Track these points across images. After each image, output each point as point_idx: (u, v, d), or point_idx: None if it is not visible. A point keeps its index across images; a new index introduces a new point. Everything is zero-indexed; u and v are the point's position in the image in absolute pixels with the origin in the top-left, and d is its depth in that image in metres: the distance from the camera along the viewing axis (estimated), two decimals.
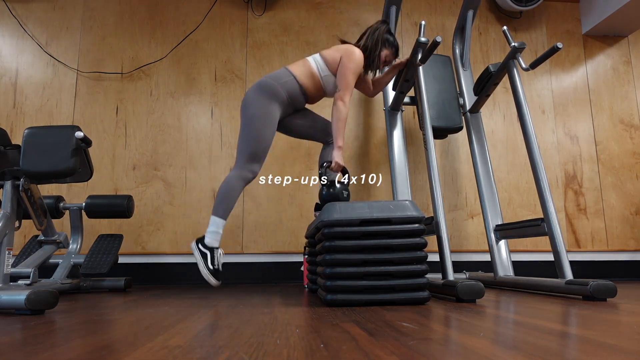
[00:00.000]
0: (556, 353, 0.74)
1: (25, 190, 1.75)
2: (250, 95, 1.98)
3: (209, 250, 1.88)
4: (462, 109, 2.76)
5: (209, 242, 1.89)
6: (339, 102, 1.96)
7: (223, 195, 1.90)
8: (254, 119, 1.94)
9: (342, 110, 1.96)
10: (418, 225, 1.58)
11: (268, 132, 1.95)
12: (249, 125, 1.95)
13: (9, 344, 0.85)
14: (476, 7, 2.79)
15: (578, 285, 1.72)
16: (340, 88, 1.98)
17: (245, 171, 1.94)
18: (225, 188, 1.91)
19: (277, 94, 1.97)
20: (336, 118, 1.96)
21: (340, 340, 0.87)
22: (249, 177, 1.95)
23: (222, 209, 1.90)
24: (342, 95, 1.97)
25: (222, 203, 1.90)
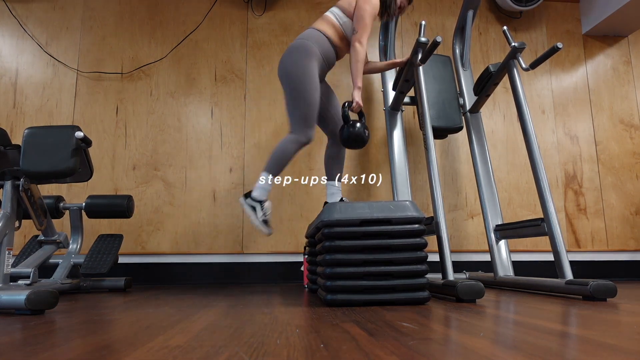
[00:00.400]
0: (556, 353, 0.74)
1: (25, 190, 1.75)
2: (287, 60, 2.01)
3: (258, 202, 1.95)
4: (462, 109, 2.76)
5: (258, 195, 1.96)
6: (356, 44, 2.02)
7: (278, 155, 1.96)
8: (297, 81, 1.97)
9: (360, 51, 2.01)
10: (418, 225, 1.58)
11: (314, 93, 1.98)
12: (294, 88, 1.97)
13: (9, 344, 0.85)
14: (476, 7, 2.79)
15: (578, 285, 1.72)
16: (357, 30, 2.03)
17: (302, 136, 1.98)
18: (281, 149, 1.96)
19: (312, 51, 2.01)
20: (354, 59, 2.01)
21: (340, 340, 0.87)
22: (303, 142, 1.99)
23: (274, 167, 1.96)
24: (359, 36, 2.02)
25: (276, 162, 1.96)
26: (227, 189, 2.94)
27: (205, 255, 2.87)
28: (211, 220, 2.89)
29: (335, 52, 2.13)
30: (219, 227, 2.89)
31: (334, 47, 2.11)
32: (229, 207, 2.92)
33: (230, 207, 2.92)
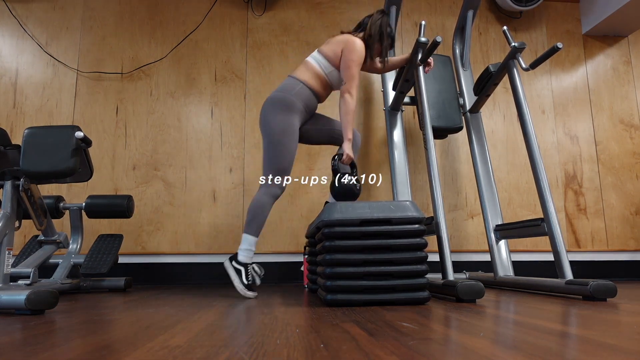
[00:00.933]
0: (556, 353, 0.74)
1: (25, 190, 1.75)
2: (267, 113, 1.98)
3: (242, 266, 1.93)
4: (462, 109, 2.76)
5: (243, 259, 1.94)
6: (346, 95, 1.98)
7: (253, 214, 1.94)
8: (277, 136, 1.95)
9: (350, 103, 1.98)
10: (418, 225, 1.58)
11: (292, 146, 1.97)
12: (272, 143, 1.96)
13: (9, 344, 0.85)
14: (476, 7, 2.79)
15: (578, 285, 1.72)
16: (345, 81, 1.99)
17: (275, 188, 1.96)
18: (255, 206, 1.94)
19: (293, 105, 1.98)
20: (344, 111, 1.98)
21: (340, 340, 0.87)
22: (278, 193, 1.98)
23: (253, 227, 1.94)
24: (348, 87, 1.98)
25: (254, 221, 1.94)
26: (227, 189, 2.94)
27: (205, 255, 2.87)
28: (211, 220, 2.89)
29: (317, 100, 2.10)
30: (219, 227, 2.89)
31: (316, 96, 2.08)
32: (229, 207, 2.92)
33: (230, 207, 2.92)
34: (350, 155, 1.98)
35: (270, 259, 2.89)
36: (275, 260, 2.89)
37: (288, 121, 1.97)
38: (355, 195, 1.97)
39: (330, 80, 2.07)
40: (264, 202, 1.94)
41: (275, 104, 1.98)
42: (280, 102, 1.98)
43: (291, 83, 2.02)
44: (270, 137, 1.96)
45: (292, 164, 2.00)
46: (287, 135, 1.96)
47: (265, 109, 2.00)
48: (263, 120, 2.00)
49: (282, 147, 1.95)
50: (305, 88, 2.02)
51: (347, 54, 1.99)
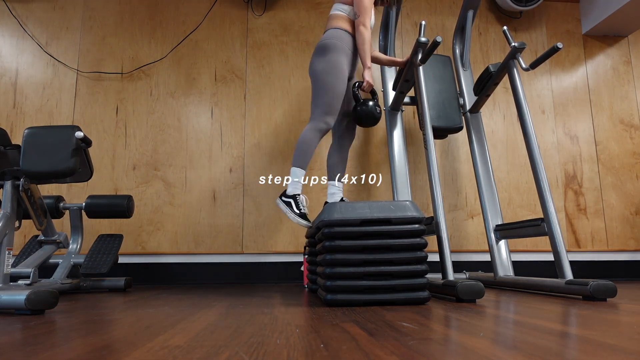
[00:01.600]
0: (556, 353, 0.74)
1: (25, 190, 1.75)
2: (314, 59, 2.11)
3: (291, 198, 2.00)
4: (462, 109, 2.76)
5: (291, 190, 2.02)
6: (360, 27, 2.11)
7: (301, 146, 2.01)
8: (323, 73, 2.05)
9: (365, 33, 2.09)
10: (418, 225, 1.58)
11: (339, 83, 2.06)
12: (320, 80, 2.05)
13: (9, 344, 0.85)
14: (476, 7, 2.79)
15: (578, 285, 1.72)
16: (358, 13, 2.11)
17: (321, 123, 2.03)
18: (303, 140, 2.02)
19: (337, 47, 2.09)
20: (361, 42, 2.10)
21: (340, 340, 0.87)
22: (324, 129, 2.04)
23: (301, 159, 2.01)
24: (362, 20, 2.10)
25: (301, 154, 2.01)
26: (227, 189, 2.94)
27: (205, 255, 2.87)
28: (211, 220, 2.89)
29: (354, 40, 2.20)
30: (219, 227, 2.89)
31: (353, 37, 2.18)
32: (229, 207, 2.92)
33: (230, 207, 2.92)
34: (370, 82, 2.11)
35: (270, 259, 2.89)
36: (275, 260, 2.89)
37: (333, 60, 2.07)
38: (376, 118, 2.13)
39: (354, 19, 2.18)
40: (310, 137, 2.01)
41: (321, 49, 2.10)
42: (325, 46, 2.10)
43: (332, 32, 2.14)
44: (319, 75, 2.07)
45: (340, 103, 2.08)
46: (332, 73, 2.05)
47: (313, 56, 2.13)
48: (311, 66, 2.12)
49: (330, 84, 2.04)
50: (345, 33, 2.14)
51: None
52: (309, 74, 2.12)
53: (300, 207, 1.97)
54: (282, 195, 2.03)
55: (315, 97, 2.06)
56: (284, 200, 2.01)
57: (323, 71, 2.05)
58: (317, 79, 2.06)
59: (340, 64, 2.07)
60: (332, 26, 2.16)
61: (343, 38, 2.12)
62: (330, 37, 2.11)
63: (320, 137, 2.04)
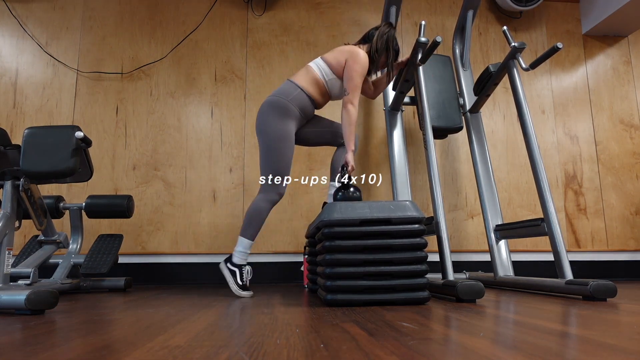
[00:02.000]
0: (556, 353, 0.74)
1: (25, 190, 1.75)
2: (263, 118, 1.99)
3: (237, 267, 1.97)
4: (462, 109, 2.76)
5: (238, 260, 1.97)
6: (349, 106, 1.97)
7: (250, 218, 1.96)
8: (272, 142, 1.96)
9: (353, 113, 1.97)
10: (418, 225, 1.58)
11: (288, 151, 1.98)
12: (269, 149, 1.97)
13: (9, 344, 0.85)
14: (476, 7, 2.79)
15: (578, 285, 1.72)
16: (348, 91, 1.98)
17: (273, 194, 1.97)
18: (253, 211, 1.96)
19: (289, 110, 1.98)
20: (347, 122, 1.97)
21: (340, 340, 0.87)
22: (276, 199, 1.99)
23: (249, 231, 1.97)
24: (351, 98, 1.97)
25: (250, 226, 1.97)
26: (227, 189, 2.94)
27: (205, 255, 2.87)
28: (211, 220, 2.89)
29: (313, 107, 2.10)
30: (219, 227, 2.89)
31: (313, 102, 2.07)
32: (229, 207, 2.92)
33: (230, 207, 2.92)
34: (354, 166, 1.99)
35: (270, 259, 2.89)
36: (275, 260, 2.89)
37: (284, 127, 1.97)
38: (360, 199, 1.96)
39: (329, 88, 2.06)
40: (261, 207, 1.96)
41: (271, 109, 1.98)
42: (276, 107, 1.97)
43: (289, 87, 2.01)
44: (266, 142, 1.97)
45: (290, 168, 2.00)
46: (282, 141, 1.96)
47: (261, 112, 2.00)
48: (259, 123, 2.00)
49: (278, 153, 1.96)
50: (303, 93, 2.01)
51: (352, 64, 1.98)
52: (258, 131, 2.00)
53: (243, 278, 1.95)
54: (228, 261, 1.98)
55: (264, 164, 1.97)
56: (229, 267, 1.97)
57: (275, 138, 1.95)
58: (269, 146, 1.96)
59: (291, 131, 1.98)
60: (294, 80, 2.03)
61: (297, 98, 1.99)
62: (283, 95, 1.99)
63: (272, 207, 1.98)
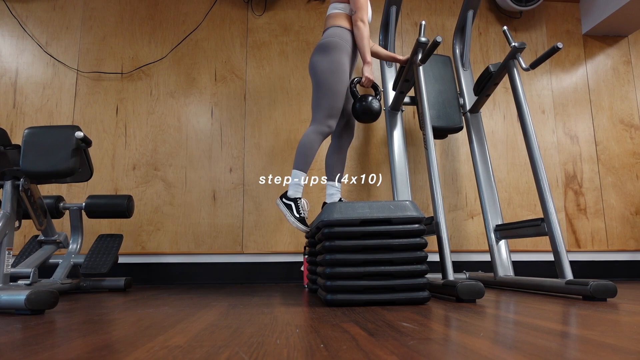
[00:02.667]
0: (556, 353, 0.74)
1: (25, 190, 1.75)
2: (315, 58, 2.09)
3: (292, 201, 2.00)
4: (462, 109, 2.76)
5: (292, 193, 2.02)
6: (358, 23, 2.09)
7: (303, 149, 2.01)
8: (327, 73, 2.04)
9: (363, 29, 2.08)
10: (418, 225, 1.58)
11: (342, 85, 2.05)
12: (323, 80, 2.04)
13: (9, 344, 0.85)
14: (476, 7, 2.79)
15: (578, 285, 1.72)
16: (355, 10, 2.10)
17: (323, 126, 2.03)
18: (304, 143, 2.01)
19: (340, 45, 2.08)
20: (359, 37, 2.09)
21: (340, 340, 0.87)
22: (326, 132, 2.04)
23: (302, 162, 2.01)
24: (359, 15, 2.09)
25: (302, 157, 2.01)
26: (227, 189, 2.94)
27: (205, 255, 2.87)
28: (211, 220, 2.89)
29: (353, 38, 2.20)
30: (219, 227, 2.89)
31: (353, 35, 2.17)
32: (229, 207, 2.92)
33: (230, 207, 2.92)
34: (370, 77, 2.10)
35: (270, 259, 2.89)
36: (275, 260, 2.89)
37: (336, 60, 2.06)
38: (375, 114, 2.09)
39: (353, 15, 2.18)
40: (312, 139, 2.01)
41: (322, 48, 2.08)
42: (327, 45, 2.08)
43: (332, 31, 2.13)
44: (320, 76, 2.05)
45: (341, 106, 2.07)
46: (334, 74, 2.04)
47: (313, 54, 2.12)
48: (311, 64, 2.10)
49: (332, 85, 2.03)
50: (343, 30, 2.12)
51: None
52: (310, 72, 2.11)
53: (300, 211, 1.97)
54: (283, 196, 2.02)
55: (317, 98, 2.04)
56: (284, 202, 2.00)
57: (326, 71, 2.03)
58: (320, 80, 2.04)
59: (343, 64, 2.06)
60: (331, 24, 2.15)
61: (344, 36, 2.11)
62: (332, 36, 2.10)
63: (322, 140, 2.03)
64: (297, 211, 1.97)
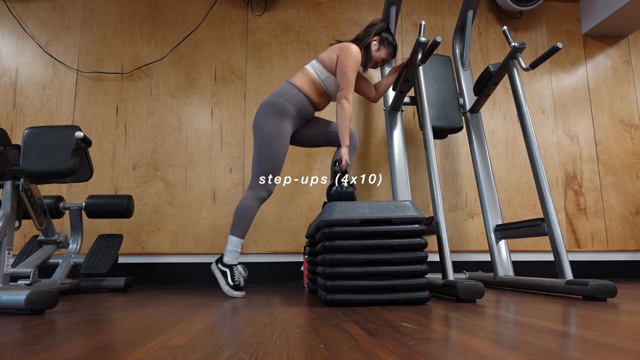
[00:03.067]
0: (556, 353, 0.74)
1: (25, 190, 1.75)
2: (260, 117, 2.00)
3: (228, 268, 1.96)
4: (462, 109, 2.76)
5: (228, 260, 1.96)
6: (343, 101, 1.98)
7: (239, 216, 1.96)
8: (267, 139, 1.97)
9: (347, 108, 1.97)
10: (418, 225, 1.58)
11: (281, 150, 1.98)
12: (262, 146, 1.97)
13: (9, 344, 0.85)
14: (476, 7, 2.79)
15: (578, 285, 1.72)
16: (342, 86, 1.98)
17: (262, 191, 1.98)
18: (242, 209, 1.96)
19: (286, 110, 2.00)
20: (341, 117, 1.97)
21: (340, 340, 0.87)
22: (264, 197, 1.99)
23: (239, 229, 1.96)
24: (345, 93, 1.97)
25: (239, 223, 1.96)
26: (227, 189, 2.94)
27: (205, 255, 2.86)
28: (211, 220, 2.89)
29: (313, 108, 2.11)
30: (219, 227, 2.89)
31: (312, 103, 2.08)
32: (229, 207, 2.92)
33: (230, 207, 2.92)
34: (348, 161, 1.98)
35: (270, 259, 2.89)
36: (275, 260, 2.89)
37: (279, 126, 1.98)
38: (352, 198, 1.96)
39: (326, 87, 2.07)
40: (249, 205, 1.96)
41: (268, 108, 1.99)
42: (273, 106, 1.99)
43: (286, 88, 2.04)
44: (260, 139, 1.98)
45: (281, 168, 2.02)
46: (277, 139, 1.97)
47: (259, 112, 2.02)
48: (256, 122, 2.02)
49: (271, 151, 1.97)
50: (300, 93, 2.03)
51: (343, 59, 1.98)
52: (253, 130, 2.02)
53: (235, 278, 1.93)
54: (219, 261, 1.97)
55: (258, 160, 1.97)
56: (220, 269, 1.96)
57: (270, 135, 1.96)
58: (263, 142, 1.97)
59: (286, 130, 1.99)
60: (291, 81, 2.05)
61: (294, 98, 2.01)
62: (281, 95, 2.00)
63: (260, 205, 1.98)
64: (232, 278, 1.92)
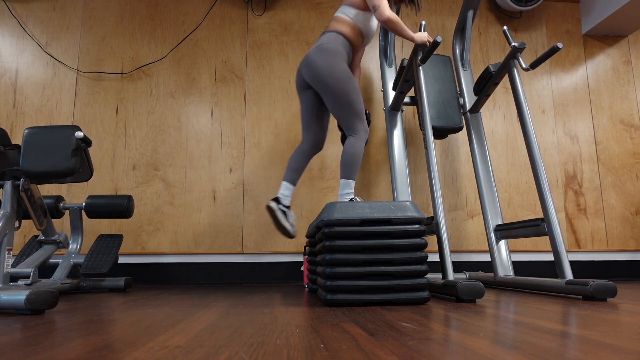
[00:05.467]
0: (556, 353, 0.74)
1: (25, 190, 1.75)
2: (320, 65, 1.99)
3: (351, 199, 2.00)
4: (462, 109, 2.76)
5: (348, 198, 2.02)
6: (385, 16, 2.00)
7: (353, 160, 1.99)
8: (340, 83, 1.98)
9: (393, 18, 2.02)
10: (418, 225, 1.58)
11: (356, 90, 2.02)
12: (339, 91, 1.99)
13: (9, 344, 0.85)
14: (476, 7, 2.79)
15: (578, 285, 1.72)
16: (376, 6, 2.01)
17: (362, 132, 2.03)
18: (352, 154, 1.99)
19: (340, 52, 2.05)
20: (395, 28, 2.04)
21: (340, 340, 0.87)
22: (366, 137, 2.05)
23: (352, 172, 2.01)
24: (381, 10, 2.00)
25: (354, 166, 2.00)
26: (227, 189, 2.94)
27: (205, 255, 2.87)
28: (211, 220, 2.89)
29: (352, 49, 2.17)
30: (219, 227, 2.89)
31: (351, 45, 2.15)
32: (229, 207, 2.92)
33: (230, 207, 2.92)
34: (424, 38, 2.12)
35: (270, 259, 2.89)
36: (275, 260, 2.89)
37: (346, 68, 2.03)
38: None
39: (359, 25, 2.13)
40: (357, 148, 2.00)
41: (326, 55, 2.00)
42: (331, 52, 2.01)
43: (329, 36, 2.09)
44: (333, 87, 1.98)
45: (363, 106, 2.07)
46: (350, 80, 2.00)
47: (316, 61, 2.00)
48: (322, 73, 1.99)
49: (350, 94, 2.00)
50: (341, 37, 2.09)
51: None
52: (321, 80, 1.99)
53: None
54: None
55: (342, 110, 1.99)
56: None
57: (339, 81, 1.97)
58: (336, 91, 1.97)
59: (347, 71, 2.03)
60: (334, 29, 2.11)
61: (344, 43, 2.09)
62: (333, 42, 2.05)
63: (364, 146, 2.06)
64: None
